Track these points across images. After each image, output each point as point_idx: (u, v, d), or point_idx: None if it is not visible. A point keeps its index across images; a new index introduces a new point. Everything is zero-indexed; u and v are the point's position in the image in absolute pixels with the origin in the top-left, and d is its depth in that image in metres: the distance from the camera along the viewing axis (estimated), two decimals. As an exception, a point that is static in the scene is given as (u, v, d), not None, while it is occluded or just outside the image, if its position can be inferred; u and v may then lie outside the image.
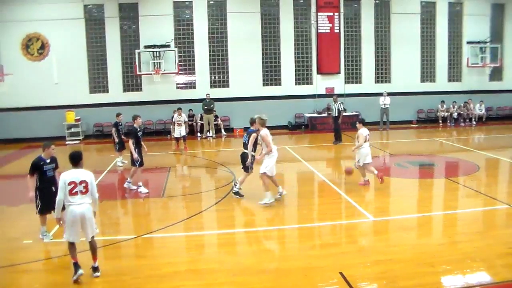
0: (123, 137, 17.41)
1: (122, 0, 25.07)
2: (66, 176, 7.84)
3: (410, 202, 12.34)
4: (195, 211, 11.79)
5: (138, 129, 13.77)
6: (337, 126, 21.42)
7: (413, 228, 10.33)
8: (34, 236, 9.93)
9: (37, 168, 9.54)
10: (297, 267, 8.20)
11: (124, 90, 25.71)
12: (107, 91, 25.59)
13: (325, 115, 25.55)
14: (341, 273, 7.80)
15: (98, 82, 25.64)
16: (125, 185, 14.00)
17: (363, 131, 13.35)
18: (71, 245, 7.94)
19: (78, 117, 24.79)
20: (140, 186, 13.74)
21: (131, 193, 13.72)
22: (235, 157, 13.92)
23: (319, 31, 26.25)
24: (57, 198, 7.89)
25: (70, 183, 7.77)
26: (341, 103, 21.97)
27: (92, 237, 8.03)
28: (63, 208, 7.98)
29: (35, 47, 24.88)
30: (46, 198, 9.43)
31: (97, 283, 7.88)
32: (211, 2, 25.76)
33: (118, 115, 17.68)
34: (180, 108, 21.30)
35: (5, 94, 23.24)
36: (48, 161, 9.60)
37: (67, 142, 23.78)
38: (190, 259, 8.89)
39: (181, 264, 8.54)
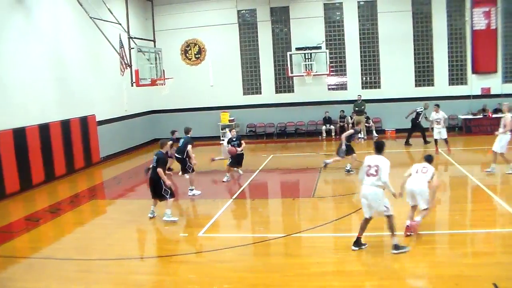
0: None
1: (273, 4, 25.86)
2: (366, 159, 9.22)
3: None
4: (345, 213, 11.82)
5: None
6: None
7: None
8: (189, 230, 10.99)
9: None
10: (448, 275, 7.92)
11: (276, 92, 26.53)
12: (260, 93, 26.62)
13: (481, 116, 24.21)
14: (495, 284, 7.36)
15: (251, 84, 26.75)
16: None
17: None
18: (365, 221, 9.18)
19: (232, 118, 26.07)
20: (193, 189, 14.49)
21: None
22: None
23: (474, 28, 24.82)
24: (359, 177, 9.60)
25: (367, 166, 9.05)
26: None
27: (388, 216, 8.99)
28: None
29: (193, 52, 26.75)
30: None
31: (229, 278, 8.31)
32: (361, 3, 25.59)
33: (173, 132, 17.08)
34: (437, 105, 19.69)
35: (166, 96, 24.94)
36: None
37: (221, 142, 24.93)
38: (338, 260, 8.94)
39: (328, 265, 8.66)
